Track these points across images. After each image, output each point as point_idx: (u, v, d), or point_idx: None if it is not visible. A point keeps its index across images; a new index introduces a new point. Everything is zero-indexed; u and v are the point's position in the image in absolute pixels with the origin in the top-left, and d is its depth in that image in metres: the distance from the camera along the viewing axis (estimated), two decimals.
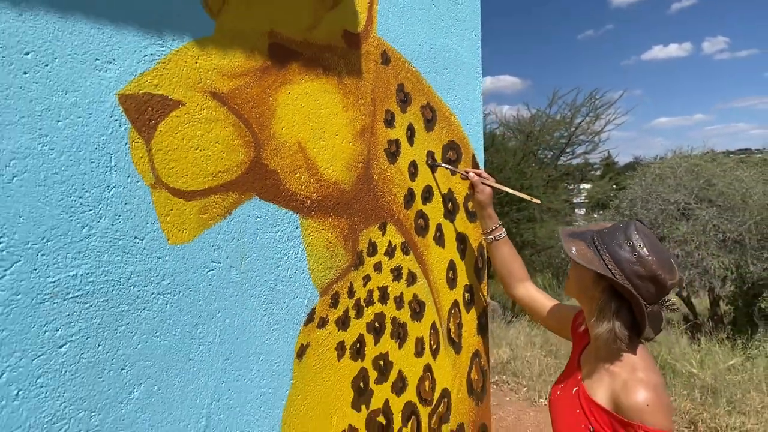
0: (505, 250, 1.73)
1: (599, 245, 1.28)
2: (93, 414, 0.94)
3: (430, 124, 1.73)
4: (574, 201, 19.53)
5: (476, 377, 1.90)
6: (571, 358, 1.49)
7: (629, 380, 1.24)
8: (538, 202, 1.80)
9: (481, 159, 1.94)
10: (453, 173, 1.80)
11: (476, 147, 1.93)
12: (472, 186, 1.72)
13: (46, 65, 0.90)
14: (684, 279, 9.89)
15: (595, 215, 19.80)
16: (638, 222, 1.31)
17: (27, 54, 0.88)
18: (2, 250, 0.85)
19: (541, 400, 5.76)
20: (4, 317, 0.85)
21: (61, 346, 0.91)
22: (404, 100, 1.64)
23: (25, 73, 0.88)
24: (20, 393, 0.86)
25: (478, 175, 1.73)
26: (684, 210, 10.20)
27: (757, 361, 6.10)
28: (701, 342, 7.01)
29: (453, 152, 1.82)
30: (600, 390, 1.29)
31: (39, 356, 0.88)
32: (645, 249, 1.24)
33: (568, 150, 13.27)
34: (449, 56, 1.82)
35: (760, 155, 13.84)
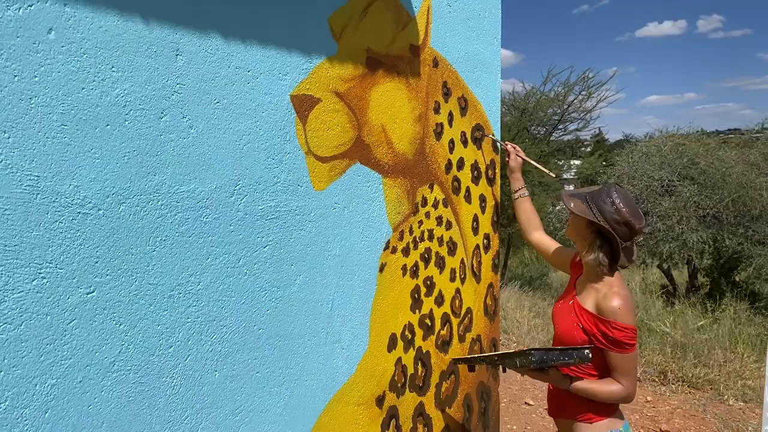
0: (526, 205, 2.40)
1: (590, 201, 1.93)
2: (278, 290, 1.59)
3: (463, 111, 2.37)
4: (564, 176, 20.21)
5: (490, 302, 2.57)
6: (569, 284, 2.15)
7: (608, 293, 1.89)
8: (554, 176, 2.46)
9: (498, 138, 2.59)
10: (495, 143, 2.47)
11: (495, 128, 2.57)
12: (508, 155, 2.39)
13: (257, 78, 1.53)
14: (647, 226, 10.61)
15: None
16: (617, 185, 1.97)
17: (248, 71, 1.51)
18: (240, 188, 1.48)
19: None
20: (242, 227, 1.48)
21: (264, 247, 1.55)
22: (447, 93, 2.27)
23: (248, 83, 1.50)
24: (247, 272, 1.50)
25: (514, 148, 2.40)
26: (667, 187, 10.90)
27: (723, 322, 6.89)
28: (675, 305, 7.80)
29: (479, 132, 2.46)
30: (588, 300, 1.95)
31: (255, 252, 1.52)
32: (621, 203, 1.88)
33: (560, 127, 13.93)
34: (478, 59, 2.44)
35: (742, 136, 14.57)
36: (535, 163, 2.51)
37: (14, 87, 1.07)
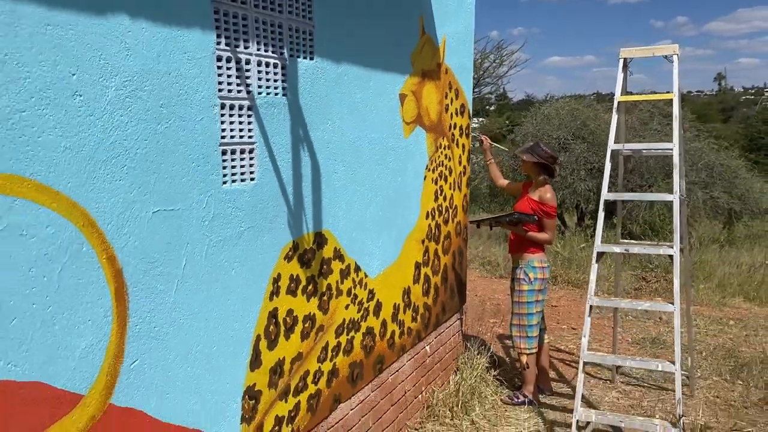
0: (494, 166, 4.63)
1: (531, 151, 4.19)
2: (393, 182, 3.68)
3: (456, 97, 4.50)
4: (473, 134, 22.78)
5: (465, 204, 4.78)
6: (523, 193, 4.40)
7: (545, 191, 4.22)
8: (506, 149, 4.74)
9: (471, 113, 4.74)
10: (476, 138, 4.64)
11: (470, 107, 4.73)
12: (482, 141, 4.60)
13: (389, 87, 3.57)
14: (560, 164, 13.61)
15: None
16: (541, 141, 4.23)
17: (389, 85, 3.55)
18: (384, 136, 3.54)
19: None
20: (386, 154, 3.55)
21: (390, 163, 3.63)
22: (450, 88, 4.39)
23: (388, 90, 3.55)
24: (384, 173, 3.58)
25: (485, 137, 4.61)
26: (563, 144, 13.60)
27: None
28: (565, 234, 10.48)
29: (462, 108, 4.61)
30: (535, 195, 4.25)
31: (387, 165, 3.60)
32: (546, 149, 4.16)
33: (476, 89, 16.34)
34: (463, 66, 4.58)
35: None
36: (496, 144, 4.73)
37: (349, 117, 3.06)
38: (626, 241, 4.68)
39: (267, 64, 2.54)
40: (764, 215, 17.41)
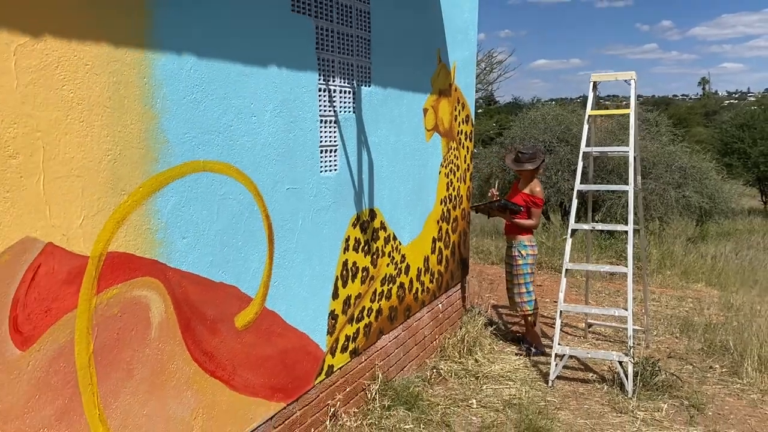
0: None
1: (532, 159, 5.47)
2: (417, 175, 4.92)
3: (462, 109, 5.76)
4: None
5: (468, 194, 6.04)
6: (513, 187, 5.67)
7: (534, 184, 5.50)
8: (520, 209, 5.95)
9: (473, 124, 5.99)
10: (492, 200, 5.91)
11: (474, 118, 5.98)
12: (493, 194, 5.88)
13: (416, 104, 4.81)
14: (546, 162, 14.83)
15: (475, 150, 24.35)
16: (532, 145, 5.49)
17: (417, 102, 4.79)
18: (412, 140, 4.78)
19: None
20: (412, 152, 4.78)
21: (415, 159, 4.87)
22: (458, 102, 5.64)
23: (415, 106, 4.79)
24: (412, 167, 4.82)
25: (496, 191, 5.88)
26: (549, 147, 14.90)
27: (578, 235, 10.89)
28: (549, 228, 11.78)
29: (467, 118, 5.87)
30: (526, 188, 5.52)
31: (413, 160, 4.83)
32: (540, 153, 5.45)
33: None
34: (467, 84, 5.84)
35: (621, 102, 18.99)
36: (506, 201, 6.00)
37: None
38: (593, 223, 5.93)
39: (344, 92, 3.77)
40: (735, 215, 18.88)
